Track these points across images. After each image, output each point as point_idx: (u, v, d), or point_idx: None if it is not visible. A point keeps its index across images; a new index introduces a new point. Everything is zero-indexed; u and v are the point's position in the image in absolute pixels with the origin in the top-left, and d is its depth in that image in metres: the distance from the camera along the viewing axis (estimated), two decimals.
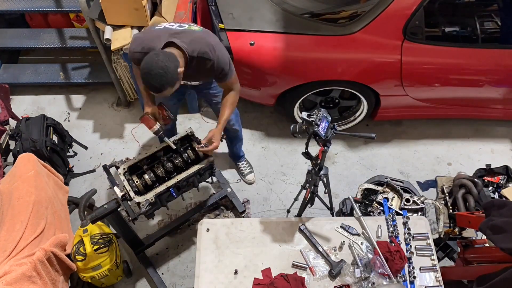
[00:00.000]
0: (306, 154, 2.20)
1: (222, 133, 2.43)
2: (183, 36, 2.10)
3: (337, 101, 3.36)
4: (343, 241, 2.22)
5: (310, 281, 2.13)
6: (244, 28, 3.00)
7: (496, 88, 3.11)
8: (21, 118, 3.17)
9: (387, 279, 2.11)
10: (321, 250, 2.20)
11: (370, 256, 2.16)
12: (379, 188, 2.71)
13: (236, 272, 2.14)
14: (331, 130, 2.05)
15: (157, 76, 1.95)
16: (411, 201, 2.57)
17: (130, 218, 2.28)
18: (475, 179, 2.82)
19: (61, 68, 3.79)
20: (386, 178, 2.75)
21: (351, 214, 2.69)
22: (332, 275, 2.14)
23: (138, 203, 2.24)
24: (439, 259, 2.63)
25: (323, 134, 2.00)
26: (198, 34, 2.16)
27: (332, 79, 3.04)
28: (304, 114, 2.04)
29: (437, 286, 2.13)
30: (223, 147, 3.29)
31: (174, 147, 2.37)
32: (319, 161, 2.18)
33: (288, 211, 2.91)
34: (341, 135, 2.19)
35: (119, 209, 2.33)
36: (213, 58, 2.15)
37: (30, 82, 3.76)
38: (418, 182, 3.32)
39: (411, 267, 2.16)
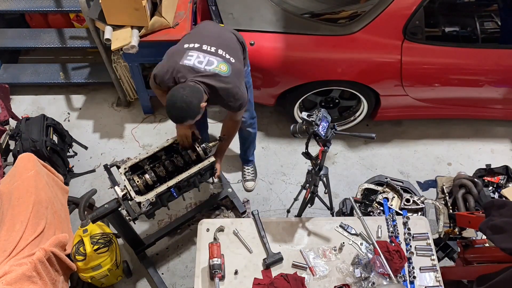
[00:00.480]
0: (306, 154, 2.20)
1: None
2: (212, 80, 2.13)
3: (337, 101, 3.36)
4: (343, 242, 2.22)
5: (310, 281, 2.13)
6: (244, 28, 3.00)
7: (496, 88, 3.11)
8: (21, 118, 3.17)
9: (387, 279, 2.11)
10: (264, 240, 2.23)
11: (370, 256, 2.16)
12: (379, 188, 2.71)
13: (236, 272, 2.14)
14: (331, 130, 2.05)
15: (180, 110, 2.03)
16: (411, 201, 2.57)
17: (130, 217, 2.28)
18: (475, 179, 2.82)
19: (61, 68, 3.79)
20: (386, 178, 2.75)
21: (351, 214, 2.70)
22: (265, 263, 2.16)
23: (139, 203, 2.24)
24: (439, 259, 2.63)
25: (323, 134, 2.01)
26: (224, 80, 2.15)
27: (332, 79, 3.04)
28: (304, 114, 2.04)
29: (437, 286, 2.13)
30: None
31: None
32: (319, 161, 2.18)
33: (288, 211, 2.91)
34: (341, 135, 2.20)
35: (119, 209, 2.33)
36: (231, 103, 2.22)
37: (30, 82, 3.76)
38: (418, 182, 3.32)
39: (411, 267, 2.16)
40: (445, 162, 3.44)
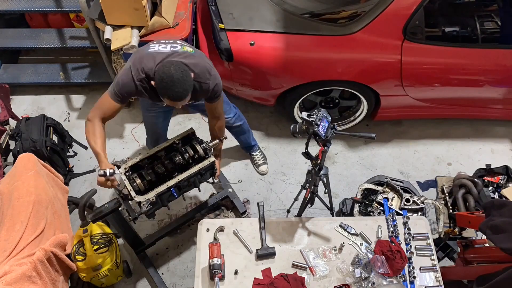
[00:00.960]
0: (306, 154, 2.20)
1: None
2: (183, 57, 2.11)
3: (337, 101, 3.36)
4: (343, 243, 2.22)
5: (310, 281, 2.13)
6: (244, 28, 3.00)
7: (496, 88, 3.11)
8: (21, 118, 3.17)
9: (387, 279, 2.11)
10: (262, 231, 2.25)
11: (370, 256, 2.16)
12: (379, 188, 2.71)
13: (236, 273, 2.15)
14: (331, 130, 2.05)
15: (180, 82, 1.97)
16: (411, 201, 2.57)
17: (130, 217, 2.28)
18: (475, 179, 2.82)
19: (61, 68, 3.79)
20: (386, 178, 2.75)
21: (351, 214, 2.70)
22: (257, 254, 2.18)
23: (139, 203, 2.24)
24: (439, 259, 2.63)
25: (323, 134, 2.01)
26: (193, 57, 2.15)
27: (332, 79, 3.04)
28: (304, 114, 2.04)
29: (437, 286, 2.13)
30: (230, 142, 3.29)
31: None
32: (319, 161, 2.18)
33: (288, 211, 2.91)
34: (341, 135, 2.20)
35: (120, 209, 2.33)
36: (209, 81, 2.17)
37: (30, 82, 3.76)
38: (418, 182, 3.32)
39: (411, 267, 2.16)
40: (445, 162, 3.44)
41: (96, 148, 2.20)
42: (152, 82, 2.05)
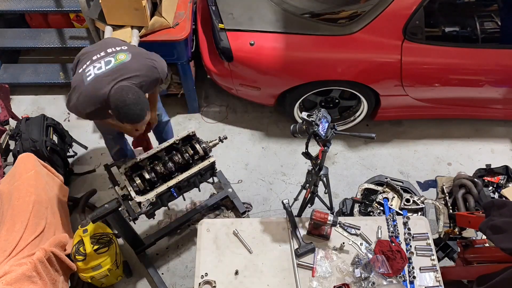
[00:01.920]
0: (306, 154, 2.20)
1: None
2: (123, 74, 2.07)
3: (337, 101, 3.36)
4: (343, 243, 2.22)
5: (310, 280, 2.13)
6: (244, 28, 3.00)
7: (496, 88, 3.11)
8: (21, 118, 3.17)
9: (387, 279, 2.11)
10: (296, 231, 2.25)
11: (370, 256, 2.16)
12: (379, 188, 2.71)
13: (236, 273, 2.15)
14: (331, 130, 2.05)
15: (135, 104, 2.00)
16: (411, 201, 2.57)
17: (130, 217, 2.29)
18: (475, 179, 2.82)
19: (61, 68, 3.79)
20: (386, 178, 2.75)
21: (351, 214, 2.70)
22: (297, 253, 2.17)
23: (139, 203, 2.24)
24: (439, 259, 2.63)
25: (323, 134, 2.00)
26: (132, 62, 2.12)
27: (332, 79, 3.04)
28: (304, 114, 2.04)
29: (437, 286, 2.13)
30: (230, 143, 3.29)
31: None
32: (319, 161, 2.18)
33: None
34: (341, 135, 2.20)
35: (120, 209, 2.33)
36: (159, 75, 2.20)
37: (30, 82, 3.76)
38: (418, 182, 3.32)
39: (411, 267, 2.16)
40: (445, 162, 3.44)
41: None
42: (109, 111, 2.09)
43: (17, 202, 2.37)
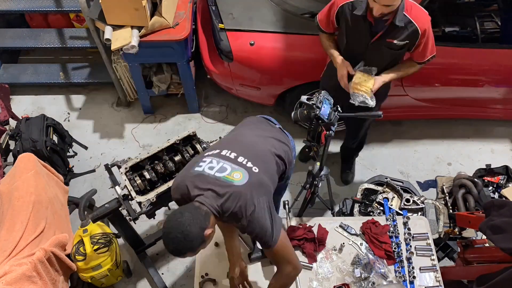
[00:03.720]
0: (309, 141, 2.09)
1: None
2: (217, 190, 1.69)
3: None
4: (343, 243, 2.22)
5: (310, 280, 2.13)
6: (244, 28, 3.00)
7: (496, 88, 3.11)
8: (21, 118, 3.17)
9: (387, 279, 2.11)
10: None
11: (370, 256, 2.16)
12: (379, 188, 2.71)
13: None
14: (334, 112, 1.92)
15: (175, 241, 1.59)
16: (411, 201, 2.57)
17: (131, 217, 2.28)
18: (475, 179, 2.82)
19: (61, 68, 3.79)
20: (386, 178, 2.75)
21: (351, 214, 2.70)
22: (249, 258, 2.10)
23: (139, 203, 2.24)
24: (439, 259, 2.63)
25: (326, 117, 1.88)
26: (236, 188, 1.70)
27: None
28: (304, 98, 1.90)
29: (437, 286, 2.13)
30: None
31: None
32: (322, 147, 2.08)
33: (289, 211, 2.90)
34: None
35: (120, 209, 2.33)
36: (245, 224, 1.70)
37: (30, 82, 3.75)
38: (418, 182, 3.32)
39: (411, 267, 2.16)
40: (445, 162, 3.44)
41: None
42: None
43: (17, 202, 2.36)
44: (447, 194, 2.90)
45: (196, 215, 1.62)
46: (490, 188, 2.89)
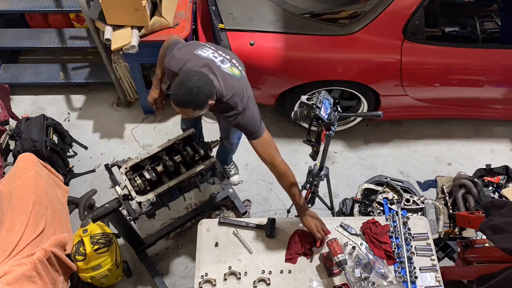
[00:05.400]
0: (308, 141, 2.09)
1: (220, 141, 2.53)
2: (222, 76, 1.99)
3: (337, 101, 3.36)
4: (346, 242, 2.22)
5: (311, 281, 2.13)
6: (244, 28, 3.00)
7: (496, 88, 3.11)
8: (21, 118, 3.17)
9: (387, 279, 2.11)
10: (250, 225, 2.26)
11: (370, 256, 2.16)
12: (379, 188, 2.71)
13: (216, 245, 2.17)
14: (334, 112, 1.94)
15: (188, 92, 1.85)
16: (411, 201, 2.57)
17: (131, 217, 2.28)
18: (475, 179, 2.82)
19: (61, 68, 3.79)
20: (386, 178, 2.75)
21: (351, 214, 2.70)
22: (269, 235, 2.19)
23: (140, 203, 2.24)
24: (439, 259, 2.63)
25: (326, 117, 1.90)
26: (236, 80, 2.04)
27: (332, 79, 3.04)
28: (304, 98, 1.92)
29: (437, 286, 2.13)
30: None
31: None
32: (321, 147, 2.07)
33: (288, 211, 2.91)
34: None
35: (120, 209, 2.33)
36: (240, 110, 2.02)
37: (30, 82, 3.76)
38: (418, 182, 3.32)
39: (412, 267, 2.16)
40: (445, 162, 3.44)
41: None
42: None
43: (17, 202, 2.36)
44: (447, 194, 2.90)
45: (209, 81, 1.90)
46: (490, 188, 2.89)
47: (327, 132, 1.98)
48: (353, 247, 2.21)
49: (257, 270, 2.16)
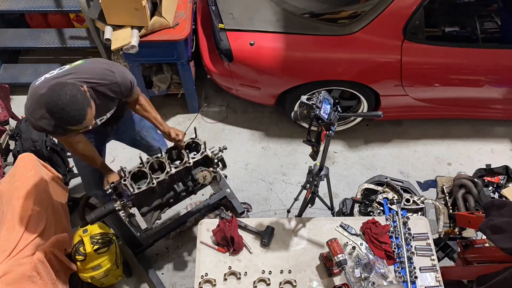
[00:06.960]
0: (308, 141, 2.10)
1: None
2: (75, 73, 1.96)
3: (337, 101, 3.36)
4: (347, 242, 2.22)
5: (311, 281, 2.13)
6: (244, 28, 3.00)
7: (496, 88, 3.11)
8: (21, 118, 3.17)
9: (387, 279, 2.11)
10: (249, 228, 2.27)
11: (370, 256, 2.16)
12: (379, 188, 2.71)
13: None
14: (334, 112, 1.94)
15: (70, 103, 1.72)
16: (411, 201, 2.57)
17: (128, 218, 2.28)
18: (475, 179, 2.82)
19: None
20: (386, 178, 2.75)
21: (351, 214, 2.70)
22: (265, 243, 2.20)
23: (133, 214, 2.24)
24: (439, 259, 2.63)
25: (326, 117, 1.91)
26: (86, 65, 2.03)
27: (332, 79, 3.04)
28: (304, 98, 1.92)
29: (437, 286, 2.13)
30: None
31: None
32: (321, 147, 2.08)
33: (288, 211, 2.91)
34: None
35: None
36: (117, 79, 2.01)
37: (30, 82, 3.68)
38: (418, 182, 3.32)
39: (412, 267, 2.16)
40: (445, 162, 3.44)
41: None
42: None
43: (17, 202, 2.36)
44: (447, 194, 2.90)
45: (73, 84, 1.82)
46: (490, 188, 2.89)
47: (327, 132, 1.98)
48: (353, 247, 2.21)
49: (257, 270, 2.16)
